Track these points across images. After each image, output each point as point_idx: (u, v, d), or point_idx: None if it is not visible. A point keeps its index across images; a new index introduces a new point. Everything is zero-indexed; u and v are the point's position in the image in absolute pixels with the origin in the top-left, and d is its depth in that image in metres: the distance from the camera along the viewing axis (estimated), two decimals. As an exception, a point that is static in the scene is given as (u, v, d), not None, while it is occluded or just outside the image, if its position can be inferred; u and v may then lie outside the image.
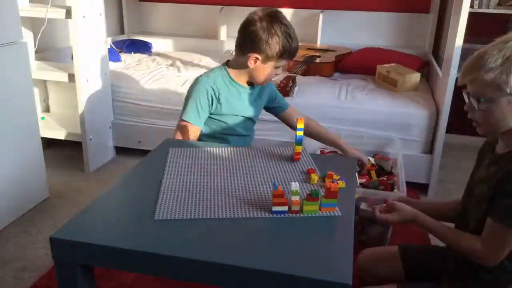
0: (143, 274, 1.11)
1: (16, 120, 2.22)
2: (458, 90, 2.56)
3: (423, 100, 2.67)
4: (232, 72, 1.73)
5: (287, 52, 1.62)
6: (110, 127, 2.95)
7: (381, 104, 2.62)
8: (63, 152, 3.00)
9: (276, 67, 1.68)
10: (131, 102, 2.91)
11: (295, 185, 1.10)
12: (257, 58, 1.62)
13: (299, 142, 1.38)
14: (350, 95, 2.74)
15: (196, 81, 1.72)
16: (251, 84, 1.75)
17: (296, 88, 2.76)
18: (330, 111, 2.65)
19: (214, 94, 1.68)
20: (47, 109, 3.15)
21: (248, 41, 1.62)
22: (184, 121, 1.67)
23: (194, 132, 1.68)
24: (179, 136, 1.67)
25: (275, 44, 1.59)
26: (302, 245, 1.00)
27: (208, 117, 1.72)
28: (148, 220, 1.08)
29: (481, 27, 3.10)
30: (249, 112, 1.78)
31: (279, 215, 1.11)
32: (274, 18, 1.61)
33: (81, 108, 2.66)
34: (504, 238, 1.17)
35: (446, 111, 2.46)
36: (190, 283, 0.98)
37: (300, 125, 1.37)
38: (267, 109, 1.92)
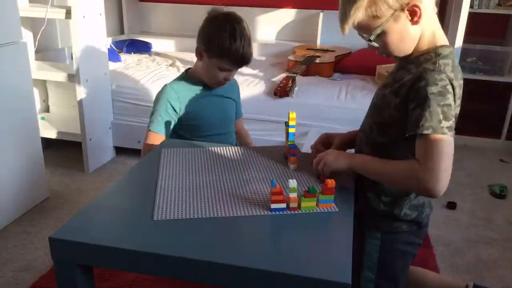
0: (143, 274, 1.12)
1: (16, 120, 2.22)
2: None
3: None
4: (192, 72, 1.74)
5: (227, 54, 1.58)
6: (109, 127, 2.95)
7: (381, 104, 2.62)
8: (63, 152, 3.00)
9: (221, 70, 1.64)
10: (131, 102, 2.91)
11: (292, 182, 1.10)
12: (203, 50, 1.63)
13: (291, 139, 1.38)
14: (349, 95, 2.74)
15: (161, 90, 1.72)
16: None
17: (296, 89, 2.76)
18: (329, 112, 2.65)
19: (176, 101, 1.68)
20: (47, 109, 3.15)
21: (200, 32, 1.63)
22: (150, 131, 1.69)
23: (159, 139, 1.68)
24: (147, 147, 1.68)
25: (217, 40, 1.57)
26: (301, 244, 1.00)
27: (179, 124, 1.72)
28: (148, 220, 1.08)
29: (481, 27, 3.11)
30: (216, 111, 1.77)
31: (277, 213, 1.11)
32: (230, 18, 1.60)
33: (80, 108, 2.66)
34: (439, 150, 1.05)
35: (446, 111, 2.46)
36: (190, 283, 0.98)
37: (292, 122, 1.36)
38: None
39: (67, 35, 3.13)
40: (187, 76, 1.75)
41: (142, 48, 3.63)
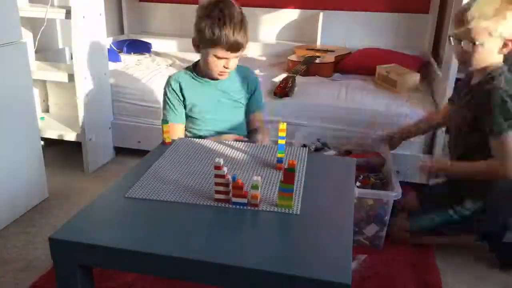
0: (143, 274, 1.12)
1: (16, 120, 2.22)
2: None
3: (423, 100, 2.67)
4: (198, 65, 1.76)
5: (218, 40, 1.58)
6: (109, 127, 2.95)
7: (380, 105, 2.62)
8: (63, 152, 3.00)
9: (217, 57, 1.64)
10: (131, 102, 2.91)
11: (256, 179, 1.11)
12: (197, 42, 1.64)
13: (281, 150, 1.37)
14: (349, 95, 2.74)
15: (166, 82, 1.79)
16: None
17: (295, 89, 2.76)
18: (329, 112, 2.65)
19: (179, 90, 1.73)
20: (47, 109, 3.15)
21: (194, 24, 1.65)
22: (167, 124, 1.70)
23: (179, 129, 1.73)
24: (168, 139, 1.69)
25: (206, 27, 1.58)
26: (301, 244, 1.00)
27: (187, 116, 1.76)
28: (148, 220, 1.08)
29: (481, 28, 3.11)
30: (228, 98, 1.78)
31: (238, 207, 1.13)
32: (217, 4, 1.60)
33: (80, 108, 2.66)
34: (509, 145, 1.59)
35: (446, 112, 2.47)
36: (190, 283, 0.98)
37: (282, 133, 1.35)
38: None
39: (67, 35, 3.13)
40: (193, 69, 1.77)
41: (142, 48, 3.62)
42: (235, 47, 1.63)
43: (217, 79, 1.74)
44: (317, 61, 3.11)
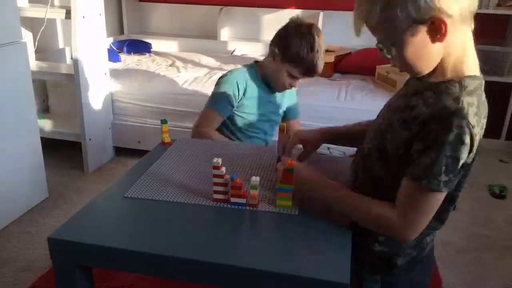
0: (142, 274, 1.12)
1: (16, 120, 2.22)
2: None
3: (423, 101, 2.67)
4: (260, 67, 1.77)
5: (301, 62, 1.63)
6: (109, 128, 2.95)
7: (380, 105, 2.60)
8: (63, 152, 3.00)
9: (290, 76, 1.69)
10: (130, 102, 2.91)
11: (254, 180, 1.11)
12: (276, 54, 1.66)
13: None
14: (349, 95, 2.74)
15: (226, 74, 1.75)
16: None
17: (295, 89, 2.75)
18: (329, 112, 2.65)
19: (243, 88, 1.71)
20: (46, 109, 3.15)
21: (277, 36, 1.68)
22: (210, 109, 1.69)
23: (218, 121, 1.70)
24: (203, 126, 1.67)
25: (293, 47, 1.61)
26: (300, 244, 1.00)
27: (233, 112, 1.75)
28: (147, 220, 1.08)
29: (481, 28, 3.10)
30: (272, 113, 1.84)
31: (237, 207, 1.13)
32: (309, 28, 1.62)
33: (80, 108, 2.66)
34: (424, 203, 0.94)
35: (446, 112, 2.46)
36: (190, 283, 0.98)
37: (282, 133, 1.35)
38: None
39: (67, 35, 3.13)
40: (256, 69, 1.77)
41: (142, 48, 3.63)
42: (311, 74, 1.68)
43: (275, 91, 1.80)
44: (317, 61, 3.10)
